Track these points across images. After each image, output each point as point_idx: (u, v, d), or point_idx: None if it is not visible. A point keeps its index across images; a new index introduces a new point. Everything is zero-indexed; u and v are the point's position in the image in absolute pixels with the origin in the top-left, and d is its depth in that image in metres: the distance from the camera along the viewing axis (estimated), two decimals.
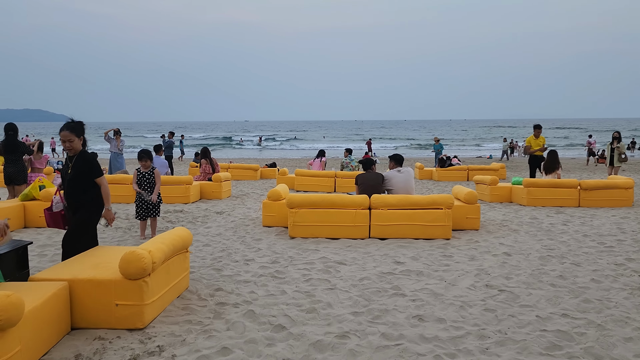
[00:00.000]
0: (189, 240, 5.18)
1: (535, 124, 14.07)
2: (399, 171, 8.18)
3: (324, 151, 15.74)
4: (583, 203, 11.28)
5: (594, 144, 33.78)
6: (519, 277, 5.60)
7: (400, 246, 7.13)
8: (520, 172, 22.19)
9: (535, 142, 13.83)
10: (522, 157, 36.53)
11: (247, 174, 18.66)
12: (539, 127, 13.93)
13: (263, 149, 51.78)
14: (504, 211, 10.53)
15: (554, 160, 12.19)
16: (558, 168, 12.12)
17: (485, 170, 18.48)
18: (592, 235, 7.90)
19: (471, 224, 8.40)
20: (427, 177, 19.19)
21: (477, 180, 13.07)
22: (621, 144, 15.17)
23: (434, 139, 23.66)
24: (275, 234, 8.03)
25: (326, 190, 14.61)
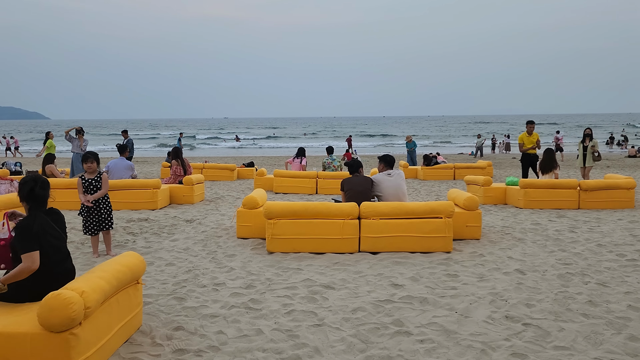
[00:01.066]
0: (140, 270, 4.11)
1: (528, 119, 13.24)
2: (389, 175, 7.21)
3: (304, 150, 14.69)
4: (583, 205, 10.49)
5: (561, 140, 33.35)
6: (542, 305, 4.66)
7: (396, 262, 6.15)
8: (506, 169, 21.50)
9: (528, 140, 13.02)
10: (504, 153, 36.02)
11: (223, 175, 17.53)
12: (532, 123, 13.09)
13: (241, 147, 50.43)
14: (502, 215, 9.66)
15: (550, 159, 11.38)
16: (556, 167, 11.32)
17: (472, 169, 17.69)
18: (607, 244, 7.04)
19: (472, 232, 7.48)
20: (412, 176, 18.33)
21: (468, 181, 12.20)
22: (594, 142, 13.60)
23: (406, 138, 22.56)
24: (251, 248, 6.98)
25: (307, 192, 13.59)
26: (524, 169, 13.23)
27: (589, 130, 13.83)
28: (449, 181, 16.89)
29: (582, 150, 13.57)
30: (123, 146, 11.36)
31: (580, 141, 13.79)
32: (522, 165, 13.27)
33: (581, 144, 13.67)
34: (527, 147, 12.98)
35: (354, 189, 7.04)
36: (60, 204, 10.22)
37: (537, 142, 12.94)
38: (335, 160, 14.03)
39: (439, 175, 17.50)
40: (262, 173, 14.58)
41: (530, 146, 12.97)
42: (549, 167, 11.30)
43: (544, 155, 11.60)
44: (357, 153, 36.83)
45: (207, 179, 17.38)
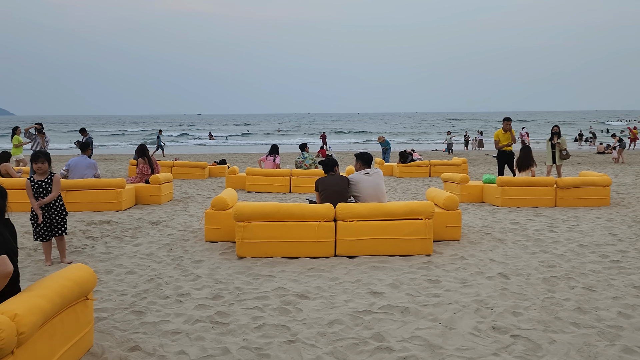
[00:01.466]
0: (89, 283, 3.65)
1: (505, 116, 13.11)
2: (367, 174, 6.85)
3: (277, 147, 14.24)
4: (560, 202, 10.36)
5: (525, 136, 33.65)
6: (529, 313, 4.38)
7: (374, 267, 5.80)
8: (480, 166, 21.47)
9: (504, 137, 12.90)
10: (477, 150, 36.21)
11: (194, 173, 16.97)
12: (509, 120, 12.97)
13: (214, 144, 49.55)
14: (480, 214, 9.43)
15: (527, 156, 11.23)
16: (533, 165, 11.18)
17: (447, 166, 17.54)
18: (588, 245, 6.84)
19: (451, 233, 7.19)
20: (387, 173, 18.09)
21: (445, 179, 11.97)
22: (562, 139, 13.23)
23: (379, 139, 22.13)
24: (220, 252, 6.55)
25: (281, 191, 13.18)
26: (500, 166, 13.11)
27: (556, 128, 13.56)
28: (425, 178, 16.70)
29: (549, 148, 13.27)
30: (85, 143, 10.74)
31: (548, 139, 13.52)
32: (498, 163, 13.15)
33: (549, 141, 13.39)
34: (503, 144, 12.86)
35: (330, 189, 6.67)
36: (16, 205, 9.57)
37: (512, 138, 12.81)
38: (307, 159, 13.62)
39: (414, 173, 17.29)
40: (234, 171, 14.10)
41: (506, 143, 12.85)
42: (526, 164, 11.16)
43: (521, 152, 11.46)
44: (331, 150, 36.53)
45: (177, 178, 16.80)
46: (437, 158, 26.21)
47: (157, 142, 29.90)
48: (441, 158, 26.20)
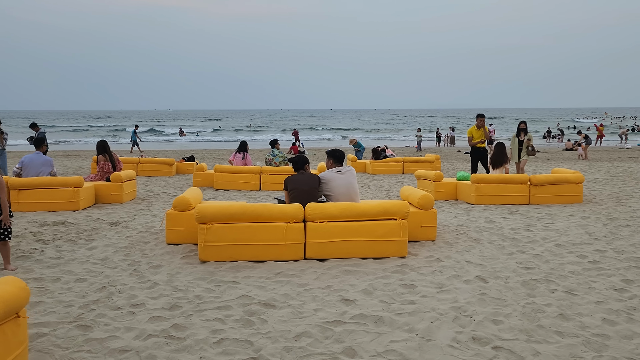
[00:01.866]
0: (20, 300, 3.19)
1: (478, 113, 12.95)
2: (339, 172, 6.50)
3: (246, 144, 13.75)
4: (533, 200, 10.23)
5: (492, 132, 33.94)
6: (510, 321, 4.10)
7: (346, 271, 5.46)
8: (452, 163, 21.41)
9: (478, 133, 12.72)
10: (448, 146, 36.34)
11: (161, 170, 16.36)
12: (482, 117, 12.79)
13: (186, 141, 48.52)
14: (454, 212, 9.20)
15: (501, 153, 11.07)
16: (506, 162, 11.03)
17: (420, 162, 17.37)
18: (565, 244, 6.65)
19: (426, 233, 6.91)
20: (360, 170, 17.82)
21: (419, 176, 11.73)
22: (529, 136, 13.02)
23: (350, 141, 21.69)
24: (181, 256, 6.11)
25: (250, 189, 12.74)
26: (473, 163, 12.94)
27: (523, 124, 13.28)
28: (398, 175, 16.48)
29: (516, 144, 13.01)
30: (39, 139, 10.10)
31: (514, 135, 13.28)
32: (472, 160, 12.96)
33: (516, 137, 13.14)
34: (477, 140, 12.69)
35: (299, 188, 6.29)
36: None
37: (486, 135, 12.66)
38: (277, 156, 13.19)
39: (387, 169, 17.07)
40: (202, 168, 13.59)
41: (479, 140, 12.68)
42: (499, 161, 11.00)
43: (495, 149, 11.29)
44: (304, 146, 36.14)
45: (143, 175, 16.19)
46: (410, 154, 26.13)
47: (134, 138, 29.42)
48: (414, 155, 26.14)
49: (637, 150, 29.11)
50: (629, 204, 9.97)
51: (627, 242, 6.70)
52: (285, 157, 13.34)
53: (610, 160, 22.25)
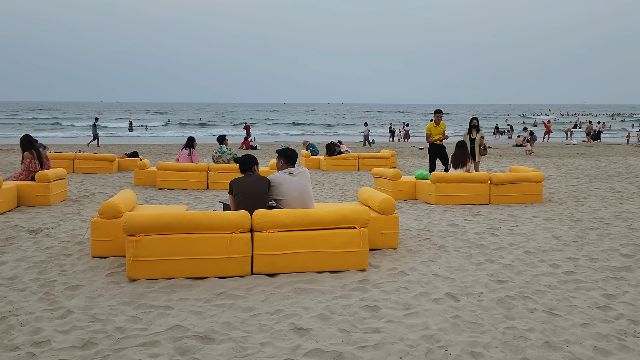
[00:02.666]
0: None
1: (436, 109, 12.50)
2: (291, 173, 5.75)
3: (193, 140, 12.78)
4: (494, 199, 9.83)
5: None
6: (491, 353, 3.49)
7: (299, 290, 4.74)
8: (407, 159, 21.08)
9: (436, 130, 12.27)
10: (402, 142, 36.24)
11: (101, 167, 15.13)
12: (440, 112, 12.35)
13: (135, 135, 46.36)
14: (415, 214, 8.65)
15: (463, 153, 10.60)
16: (468, 161, 10.57)
17: (376, 159, 16.86)
18: (534, 251, 6.18)
19: (388, 241, 6.28)
20: (314, 166, 17.15)
21: (376, 174, 11.14)
22: (482, 133, 12.01)
23: (304, 143, 20.85)
24: (107, 273, 5.22)
25: (197, 187, 11.81)
26: (431, 160, 12.50)
27: (475, 120, 12.25)
28: (354, 172, 15.91)
29: (468, 142, 11.74)
30: None
31: (465, 132, 12.20)
32: (430, 157, 12.52)
33: (467, 135, 12.03)
34: (435, 137, 12.25)
35: (246, 192, 5.51)
36: None
37: (443, 134, 12.22)
38: (225, 153, 12.29)
39: (342, 166, 16.47)
40: (144, 165, 12.52)
41: (437, 137, 12.24)
42: (461, 161, 10.52)
43: (456, 149, 10.76)
44: (256, 141, 35.15)
45: (81, 172, 14.92)
46: (365, 150, 25.68)
47: (93, 132, 28.28)
48: (369, 150, 25.69)
49: (584, 147, 29.85)
50: (589, 204, 9.74)
51: (598, 248, 6.30)
52: (235, 154, 12.47)
53: (559, 156, 22.54)
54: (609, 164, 18.21)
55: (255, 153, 24.22)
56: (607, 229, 7.41)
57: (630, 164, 18.44)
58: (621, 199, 10.39)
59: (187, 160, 12.33)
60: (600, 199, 10.37)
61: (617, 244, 6.52)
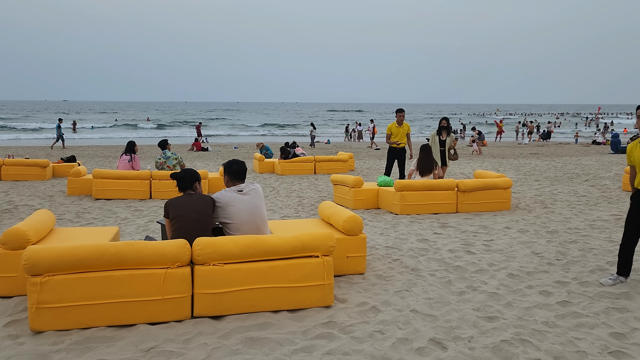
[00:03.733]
0: None
1: (398, 108, 11.67)
2: (240, 191, 4.78)
3: (133, 144, 11.50)
4: (461, 208, 9.17)
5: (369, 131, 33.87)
6: None
7: (251, 340, 3.79)
8: (364, 160, 20.39)
9: (398, 131, 11.39)
10: (357, 142, 35.65)
11: (32, 173, 13.60)
12: (402, 112, 11.50)
13: (78, 137, 43.67)
14: (380, 226, 7.84)
15: (429, 158, 9.79)
16: (436, 167, 9.80)
17: (333, 162, 16.02)
18: (519, 273, 5.46)
19: (354, 265, 5.41)
20: (268, 170, 16.14)
21: (335, 181, 10.27)
22: (452, 136, 10.91)
23: (258, 145, 19.54)
24: (7, 321, 4.09)
25: (139, 197, 10.62)
26: (389, 163, 11.50)
27: (445, 121, 11.00)
28: (310, 176, 15.02)
29: (437, 145, 10.83)
30: None
31: (433, 134, 11.06)
32: (387, 160, 11.55)
33: (436, 137, 10.92)
34: (395, 139, 11.40)
35: (185, 215, 4.50)
36: None
37: (407, 137, 11.41)
38: (170, 159, 11.14)
39: (298, 170, 15.54)
40: (78, 173, 11.19)
41: (396, 139, 11.36)
42: (428, 167, 9.69)
43: (421, 153, 9.86)
44: (208, 142, 33.72)
45: (9, 179, 13.37)
46: (321, 152, 24.85)
47: (58, 133, 26.60)
48: (326, 152, 24.87)
49: (535, 146, 30.13)
50: (558, 210, 9.24)
51: (585, 268, 5.66)
52: (181, 159, 11.33)
53: (514, 156, 22.45)
54: (565, 165, 18.12)
55: (206, 155, 22.94)
56: (587, 242, 6.83)
57: (584, 164, 18.43)
58: (588, 204, 9.97)
59: (128, 167, 11.09)
60: (568, 204, 9.92)
61: (603, 261, 5.91)
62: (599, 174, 15.33)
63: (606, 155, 22.87)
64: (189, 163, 19.28)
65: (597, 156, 22.26)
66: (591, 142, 31.69)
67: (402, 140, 11.36)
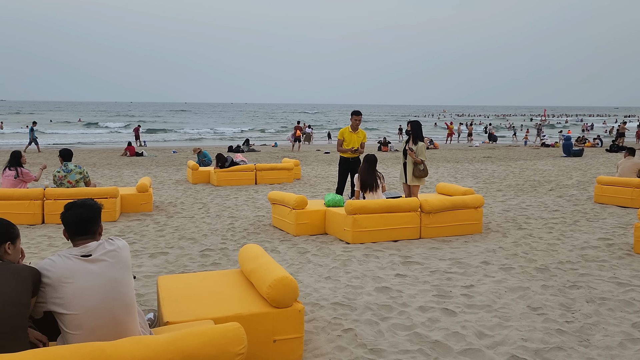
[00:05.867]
0: None
1: (354, 109, 9.73)
2: (86, 257, 2.79)
3: (19, 155, 9.05)
4: (425, 232, 7.49)
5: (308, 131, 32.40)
6: None
7: None
8: (312, 166, 18.55)
9: (351, 137, 9.27)
10: (306, 144, 33.79)
11: None
12: (358, 114, 9.45)
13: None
14: (326, 265, 6.00)
15: (371, 171, 7.81)
16: (381, 181, 7.99)
17: (276, 170, 14.09)
18: (523, 353, 3.76)
19: (285, 352, 3.53)
20: (203, 180, 14.01)
21: (274, 200, 8.32)
22: (420, 145, 8.41)
23: (194, 150, 17.17)
24: None
25: (27, 222, 8.34)
26: (340, 177, 9.46)
27: (409, 126, 8.66)
28: (249, 187, 13.04)
29: (402, 156, 8.72)
30: None
31: (404, 140, 8.80)
32: (339, 172, 9.51)
33: (405, 145, 8.67)
34: (348, 148, 9.33)
35: None
36: None
37: (360, 146, 9.41)
38: (72, 172, 8.87)
39: (237, 180, 13.53)
40: None
41: (349, 148, 9.34)
42: (370, 182, 7.77)
43: (363, 164, 7.90)
44: (146, 145, 30.99)
45: None
46: (265, 157, 22.81)
47: (31, 136, 24.49)
48: (271, 157, 22.86)
49: (487, 149, 29.30)
50: (536, 232, 7.74)
51: (607, 334, 4.02)
52: (86, 173, 9.09)
53: (468, 160, 21.26)
54: (522, 170, 16.97)
55: (139, 162, 20.46)
56: (591, 286, 5.25)
57: (542, 169, 17.37)
58: (565, 222, 8.55)
59: (14, 184, 8.75)
60: (543, 223, 8.46)
61: (627, 322, 4.30)
62: (561, 181, 14.18)
63: (559, 158, 22.10)
64: (117, 170, 16.85)
65: (550, 160, 21.42)
66: (540, 144, 31.25)
67: (353, 146, 9.37)
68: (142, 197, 9.53)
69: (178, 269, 5.93)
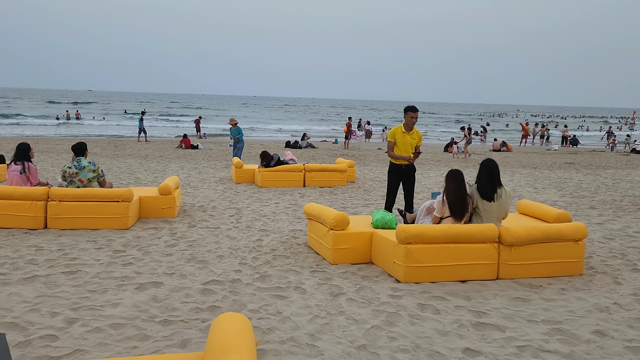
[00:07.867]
0: None
1: (408, 105, 7.72)
2: None
3: (27, 148, 7.63)
4: (505, 271, 5.49)
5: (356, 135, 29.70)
6: None
7: None
8: (370, 167, 16.62)
9: (403, 140, 7.33)
10: (366, 142, 31.73)
11: None
12: (414, 110, 7.40)
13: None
14: (365, 319, 4.18)
15: (461, 191, 5.69)
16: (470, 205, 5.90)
17: (328, 172, 12.36)
18: None
19: None
20: (248, 179, 12.54)
21: (310, 215, 6.49)
22: None
23: (230, 121, 16.17)
24: None
25: (29, 226, 7.13)
26: (390, 188, 7.50)
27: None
28: (296, 190, 11.42)
29: None
30: None
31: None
32: (389, 183, 7.54)
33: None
34: (400, 153, 7.35)
35: None
36: None
37: (415, 151, 7.43)
38: (85, 170, 7.58)
39: (283, 181, 11.95)
40: None
41: (404, 154, 7.33)
42: (463, 207, 5.68)
43: (451, 182, 5.70)
44: (206, 137, 30.32)
45: None
46: (323, 155, 21.13)
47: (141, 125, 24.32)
48: (329, 154, 21.13)
49: (567, 154, 26.06)
50: None
51: None
52: (101, 171, 7.79)
53: (548, 166, 18.53)
54: (616, 182, 14.18)
55: (192, 155, 19.45)
56: None
57: (639, 180, 14.48)
58: None
59: (19, 180, 7.58)
60: None
61: None
62: None
63: None
64: (165, 164, 15.81)
65: None
66: (630, 150, 27.47)
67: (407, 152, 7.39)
68: (164, 200, 8.10)
69: (162, 313, 4.34)
